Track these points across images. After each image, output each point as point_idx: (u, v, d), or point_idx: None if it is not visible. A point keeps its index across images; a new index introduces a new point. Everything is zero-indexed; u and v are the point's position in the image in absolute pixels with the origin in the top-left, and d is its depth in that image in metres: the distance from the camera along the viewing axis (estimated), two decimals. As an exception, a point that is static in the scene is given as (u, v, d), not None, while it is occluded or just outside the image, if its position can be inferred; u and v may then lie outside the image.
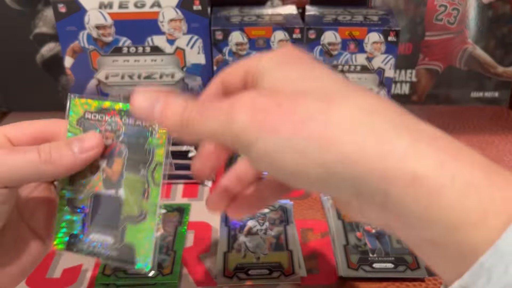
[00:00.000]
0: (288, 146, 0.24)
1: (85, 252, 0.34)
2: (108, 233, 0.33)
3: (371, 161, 0.23)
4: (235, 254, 0.46)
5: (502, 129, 0.69)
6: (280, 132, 0.24)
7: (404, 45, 0.71)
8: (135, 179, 0.33)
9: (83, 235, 0.34)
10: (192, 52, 0.62)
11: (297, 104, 0.25)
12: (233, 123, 0.25)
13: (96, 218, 0.34)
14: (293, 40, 0.59)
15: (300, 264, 0.46)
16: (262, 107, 0.25)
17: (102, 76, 0.63)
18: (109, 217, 0.33)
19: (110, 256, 0.33)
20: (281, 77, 0.27)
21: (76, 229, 0.34)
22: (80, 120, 0.34)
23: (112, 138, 0.33)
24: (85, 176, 0.33)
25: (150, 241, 0.32)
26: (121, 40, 0.61)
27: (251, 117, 0.25)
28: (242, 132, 0.25)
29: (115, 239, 0.33)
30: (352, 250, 0.46)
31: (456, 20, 0.70)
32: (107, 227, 0.33)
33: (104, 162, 0.33)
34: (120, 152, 0.33)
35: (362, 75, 0.61)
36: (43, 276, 0.45)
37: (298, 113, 0.25)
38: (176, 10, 0.60)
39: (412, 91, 0.74)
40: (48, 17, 0.67)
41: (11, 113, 0.72)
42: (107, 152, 0.33)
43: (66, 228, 0.34)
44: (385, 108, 0.25)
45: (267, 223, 0.50)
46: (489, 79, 0.73)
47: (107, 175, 0.33)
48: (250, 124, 0.25)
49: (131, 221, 0.33)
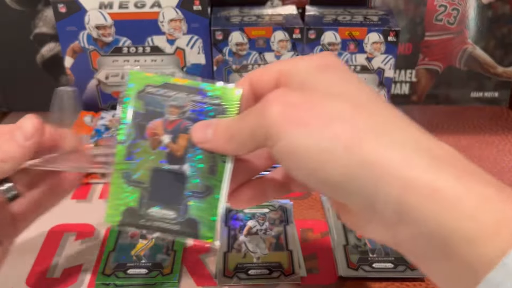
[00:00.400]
0: (315, 142, 0.25)
1: (142, 226, 0.33)
2: (170, 208, 0.33)
3: (393, 169, 0.24)
4: (235, 254, 0.46)
5: (502, 130, 0.69)
6: (309, 127, 0.25)
7: (404, 45, 0.71)
8: (203, 155, 0.32)
9: (141, 209, 0.33)
10: (192, 52, 0.62)
11: (327, 103, 0.26)
12: (265, 117, 0.26)
13: (156, 193, 0.33)
14: (293, 40, 0.59)
15: (300, 264, 0.46)
16: (293, 102, 0.26)
17: (102, 76, 0.63)
18: (171, 191, 0.33)
19: (171, 229, 0.33)
20: (315, 81, 0.28)
21: (132, 203, 0.33)
22: (140, 94, 0.33)
23: (177, 114, 0.32)
24: (144, 150, 0.33)
25: (215, 215, 0.33)
26: (121, 40, 0.61)
27: (282, 111, 0.26)
28: (273, 125, 0.26)
29: (177, 214, 0.33)
30: (352, 250, 0.46)
31: (456, 20, 0.70)
32: (168, 202, 0.33)
33: (168, 137, 0.33)
34: (185, 128, 0.32)
35: (362, 75, 0.61)
36: (44, 276, 0.45)
37: (328, 111, 0.25)
38: (176, 10, 0.60)
39: (412, 91, 0.74)
40: (48, 17, 0.67)
41: (11, 113, 0.72)
42: (171, 126, 0.33)
43: (119, 202, 0.33)
44: (408, 124, 0.26)
45: (267, 223, 0.50)
46: (489, 79, 0.73)
47: (171, 149, 0.33)
48: (281, 117, 0.26)
49: (195, 196, 0.33)
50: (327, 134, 0.25)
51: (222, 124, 0.31)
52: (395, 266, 0.45)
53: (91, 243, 0.49)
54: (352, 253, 0.46)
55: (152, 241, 0.48)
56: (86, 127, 0.59)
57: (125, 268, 0.45)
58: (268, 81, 0.31)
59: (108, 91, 0.64)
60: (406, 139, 0.25)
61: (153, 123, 0.33)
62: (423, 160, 0.24)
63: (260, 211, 0.52)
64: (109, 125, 0.58)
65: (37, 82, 0.69)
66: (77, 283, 0.44)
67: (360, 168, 0.24)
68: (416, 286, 0.44)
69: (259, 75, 0.32)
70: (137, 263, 0.45)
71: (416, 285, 0.44)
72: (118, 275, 0.44)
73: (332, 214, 0.51)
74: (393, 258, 0.45)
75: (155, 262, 0.45)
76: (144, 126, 0.33)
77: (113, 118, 0.59)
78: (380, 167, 0.24)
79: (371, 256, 0.46)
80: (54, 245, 0.48)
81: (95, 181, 0.57)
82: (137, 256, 0.46)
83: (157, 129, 0.33)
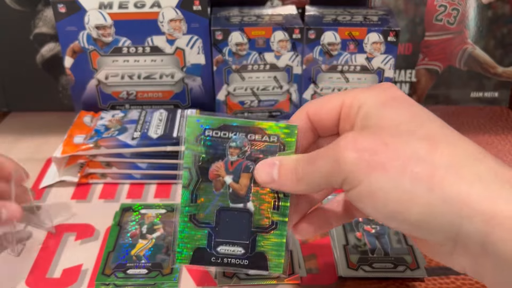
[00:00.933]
0: (395, 185, 0.25)
1: (213, 263, 0.36)
2: (238, 245, 0.36)
3: (476, 203, 0.24)
4: (235, 254, 0.46)
5: (502, 130, 0.69)
6: (388, 171, 0.25)
7: (403, 45, 0.71)
8: (265, 191, 0.35)
9: (211, 248, 0.36)
10: (192, 52, 0.62)
11: (403, 143, 0.26)
12: (340, 164, 0.27)
13: (224, 231, 0.35)
14: (293, 40, 0.59)
15: (300, 264, 0.46)
16: (367, 147, 0.26)
17: (102, 77, 0.63)
18: (238, 229, 0.35)
19: (241, 264, 0.36)
20: (385, 117, 0.28)
21: (202, 243, 0.35)
22: (198, 137, 0.34)
23: (237, 154, 0.34)
24: (208, 192, 0.35)
25: (282, 248, 0.35)
26: (121, 40, 0.61)
27: (358, 157, 0.26)
28: (350, 171, 0.26)
29: (245, 250, 0.36)
30: (352, 250, 0.46)
31: (456, 20, 0.70)
32: (236, 239, 0.35)
33: (230, 178, 0.35)
34: (247, 167, 0.34)
35: (361, 76, 0.61)
36: (43, 276, 0.45)
37: (405, 153, 0.25)
38: (176, 10, 0.60)
39: (412, 91, 0.74)
40: (48, 17, 0.67)
41: (11, 113, 0.72)
42: (232, 167, 0.35)
43: (189, 244, 0.35)
44: (484, 155, 0.26)
45: (267, 223, 0.50)
46: (489, 79, 0.73)
47: (234, 189, 0.35)
48: (357, 164, 0.26)
49: (261, 231, 0.35)
50: (407, 176, 0.25)
51: (287, 165, 0.31)
52: (395, 266, 0.45)
53: (91, 243, 0.49)
54: (352, 253, 0.46)
55: (152, 241, 0.48)
56: (85, 128, 0.59)
57: (125, 268, 0.45)
58: (328, 113, 0.31)
59: (108, 91, 0.64)
60: (485, 172, 0.25)
61: (215, 165, 0.35)
62: (504, 191, 0.24)
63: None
64: (109, 126, 0.58)
65: (37, 82, 0.69)
66: (76, 283, 0.44)
67: (442, 205, 0.24)
68: (415, 286, 0.44)
69: (318, 107, 0.32)
70: (137, 263, 0.45)
71: (415, 285, 0.44)
72: (118, 275, 0.44)
73: (332, 214, 0.51)
74: (393, 258, 0.45)
75: (155, 262, 0.45)
76: (206, 169, 0.35)
77: (113, 119, 0.59)
78: (463, 202, 0.24)
79: (371, 256, 0.46)
80: (53, 245, 0.48)
81: (95, 181, 0.57)
82: (137, 256, 0.46)
83: (220, 171, 0.35)
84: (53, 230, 0.50)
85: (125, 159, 0.56)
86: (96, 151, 0.54)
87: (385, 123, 0.28)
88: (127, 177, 0.57)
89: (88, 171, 0.57)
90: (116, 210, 0.52)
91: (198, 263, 0.36)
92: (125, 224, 0.50)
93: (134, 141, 0.55)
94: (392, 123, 0.27)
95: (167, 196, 0.55)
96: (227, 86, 0.62)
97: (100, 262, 0.46)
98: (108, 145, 0.54)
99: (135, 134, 0.56)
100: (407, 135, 0.26)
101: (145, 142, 0.55)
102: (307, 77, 0.62)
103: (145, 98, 0.65)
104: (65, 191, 0.56)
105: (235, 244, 0.35)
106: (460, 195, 0.24)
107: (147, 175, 0.57)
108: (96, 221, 0.52)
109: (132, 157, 0.56)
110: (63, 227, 0.51)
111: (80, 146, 0.55)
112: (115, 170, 0.56)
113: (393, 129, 0.27)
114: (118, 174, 0.57)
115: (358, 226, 0.49)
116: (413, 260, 0.45)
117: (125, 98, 0.64)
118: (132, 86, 0.64)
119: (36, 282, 0.44)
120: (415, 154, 0.25)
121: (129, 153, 0.55)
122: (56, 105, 0.70)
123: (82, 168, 0.56)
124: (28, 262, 0.46)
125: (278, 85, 0.63)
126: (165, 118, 0.59)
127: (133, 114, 0.60)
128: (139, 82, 0.64)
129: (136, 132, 0.56)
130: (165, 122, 0.58)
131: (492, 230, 0.24)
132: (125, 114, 0.60)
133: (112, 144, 0.55)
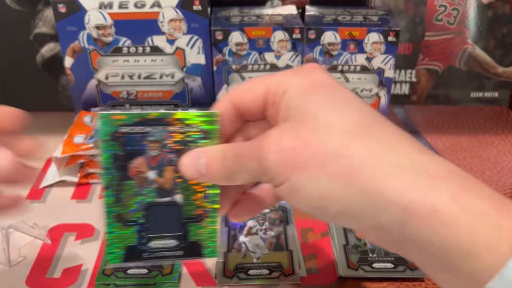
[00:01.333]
0: (315, 184, 0.26)
1: (147, 259, 0.35)
2: (170, 237, 0.35)
3: (393, 194, 0.25)
4: (235, 254, 0.46)
5: (502, 130, 0.69)
6: (308, 170, 0.26)
7: (404, 45, 0.71)
8: (192, 182, 0.34)
9: (141, 245, 0.35)
10: (192, 52, 0.62)
11: (322, 140, 0.26)
12: (263, 166, 0.28)
13: (154, 227, 0.34)
14: (293, 40, 0.59)
15: (300, 264, 0.46)
16: (290, 146, 0.27)
17: (102, 76, 0.63)
18: (168, 222, 0.34)
19: (175, 255, 0.35)
20: (305, 108, 0.28)
21: (132, 241, 0.34)
22: (114, 136, 0.33)
23: (158, 148, 0.33)
24: (132, 190, 0.34)
25: (215, 234, 0.35)
26: (121, 40, 0.61)
27: (281, 157, 0.27)
28: (272, 172, 0.27)
29: (178, 241, 0.35)
30: (352, 250, 0.47)
31: (456, 20, 0.70)
32: (167, 232, 0.35)
33: (154, 173, 0.33)
34: (170, 160, 0.33)
35: (362, 76, 0.61)
36: (43, 276, 0.45)
37: (324, 150, 0.26)
38: (176, 10, 0.60)
39: (412, 91, 0.74)
40: (48, 17, 0.67)
41: (11, 113, 0.72)
42: (155, 162, 0.33)
43: (119, 243, 0.34)
44: (404, 143, 0.27)
45: (267, 223, 0.50)
46: (489, 79, 0.73)
47: (160, 184, 0.34)
48: (281, 164, 0.27)
49: (193, 221, 0.35)
50: (325, 173, 0.26)
51: (214, 157, 0.30)
52: (395, 266, 0.45)
53: (91, 243, 0.49)
54: (352, 253, 0.46)
55: (152, 241, 0.48)
56: (85, 128, 0.59)
57: (125, 268, 0.45)
58: (253, 101, 0.31)
59: (108, 91, 0.64)
60: (403, 162, 0.26)
61: (135, 162, 0.33)
62: (420, 182, 0.25)
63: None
64: None
65: (37, 82, 0.69)
66: (77, 283, 0.44)
67: (360, 199, 0.25)
68: (416, 286, 0.44)
69: (243, 93, 0.32)
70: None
71: (416, 285, 0.44)
72: (118, 275, 0.44)
73: (332, 214, 0.51)
74: (393, 258, 0.45)
75: (155, 262, 0.45)
76: (126, 167, 0.33)
77: None
78: (380, 195, 0.25)
79: (371, 256, 0.46)
80: (54, 244, 0.48)
81: (95, 181, 0.57)
82: (137, 256, 0.46)
83: (141, 167, 0.33)
84: (48, 240, 0.49)
85: None
86: (96, 150, 0.54)
87: (305, 115, 0.28)
88: None
89: (88, 170, 0.57)
90: (116, 210, 0.52)
91: (132, 260, 0.35)
92: (125, 224, 0.50)
93: None
94: (312, 115, 0.27)
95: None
96: (227, 86, 0.62)
97: (100, 262, 0.46)
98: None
99: None
100: (326, 130, 0.27)
101: None
102: (307, 77, 0.62)
103: (145, 98, 0.65)
104: (65, 191, 0.56)
105: (167, 237, 0.35)
106: (377, 188, 0.25)
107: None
108: (96, 221, 0.52)
109: None
110: (63, 227, 0.51)
111: (80, 145, 0.55)
112: None
113: (312, 123, 0.27)
114: None
115: (358, 226, 0.49)
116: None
117: (125, 98, 0.64)
118: (132, 86, 0.64)
119: (36, 282, 0.44)
120: (333, 150, 0.26)
121: None
122: (56, 105, 0.70)
123: (82, 168, 0.56)
124: (28, 262, 0.46)
125: (278, 85, 0.63)
126: None
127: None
128: (139, 82, 0.64)
129: None
130: None
131: (408, 219, 0.25)
132: None
133: None
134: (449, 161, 0.27)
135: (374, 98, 0.63)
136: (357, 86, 0.62)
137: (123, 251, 0.34)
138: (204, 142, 0.33)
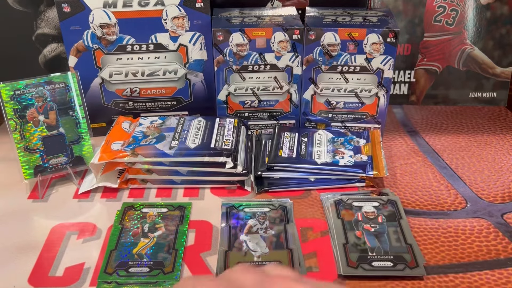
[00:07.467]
0: None
1: (50, 171, 0.57)
2: (62, 155, 0.57)
3: None
4: (235, 253, 0.47)
5: (500, 129, 0.69)
6: None
7: (403, 46, 0.72)
8: (68, 118, 0.57)
9: (45, 163, 0.56)
10: (194, 49, 0.63)
11: None
12: None
13: (50, 150, 0.56)
14: (293, 41, 0.60)
15: (300, 263, 0.46)
16: None
17: (106, 75, 0.63)
18: (59, 146, 0.57)
19: (67, 165, 0.57)
20: None
21: (38, 162, 0.56)
22: (12, 97, 0.54)
23: (42, 101, 0.55)
24: (31, 129, 0.55)
25: (90, 148, 0.58)
26: (125, 39, 0.61)
27: None
28: None
29: (68, 157, 0.57)
30: (352, 249, 0.47)
31: (455, 21, 0.71)
32: (59, 153, 0.57)
33: (42, 116, 0.55)
34: (51, 107, 0.56)
35: (361, 76, 0.62)
36: (46, 274, 0.45)
37: None
38: (179, 7, 0.61)
39: (411, 91, 0.75)
40: (50, 18, 0.67)
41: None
42: (41, 109, 0.55)
43: (29, 164, 0.56)
44: None
45: (267, 222, 0.50)
46: (487, 79, 0.74)
47: (48, 123, 0.56)
48: None
49: (74, 143, 0.58)
50: None
51: None
52: (394, 264, 0.45)
53: (93, 241, 0.49)
54: (352, 251, 0.47)
55: (153, 240, 0.48)
56: (124, 134, 0.59)
57: (126, 266, 0.45)
58: None
59: (112, 89, 0.64)
60: None
61: (29, 111, 0.55)
62: None
63: (261, 210, 0.52)
64: (147, 133, 0.57)
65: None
66: (79, 282, 0.44)
67: None
68: (415, 284, 0.44)
69: None
70: (138, 262, 0.46)
71: (414, 284, 0.44)
72: (120, 274, 0.44)
73: (331, 213, 0.52)
74: (392, 257, 0.46)
75: (157, 260, 0.46)
76: (24, 116, 0.55)
77: (151, 125, 0.59)
78: None
79: (370, 255, 0.46)
80: (56, 243, 0.49)
81: (135, 186, 0.57)
82: (139, 255, 0.46)
83: (34, 114, 0.55)
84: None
85: (165, 166, 0.55)
86: (133, 158, 0.54)
87: None
88: (168, 182, 0.57)
89: (128, 176, 0.56)
90: (118, 209, 0.53)
91: (40, 173, 0.56)
92: (127, 223, 0.51)
93: (171, 150, 0.54)
94: None
95: (168, 195, 0.56)
96: (228, 87, 0.63)
97: (102, 260, 0.46)
98: (146, 153, 0.54)
99: (173, 143, 0.55)
100: None
101: (182, 152, 0.54)
102: (307, 78, 0.63)
103: (148, 95, 0.65)
104: (67, 190, 0.57)
105: (60, 156, 0.57)
106: None
107: (188, 181, 0.57)
108: (98, 220, 0.52)
109: (172, 164, 0.55)
110: (66, 226, 0.51)
111: (118, 152, 0.54)
112: (155, 176, 0.56)
113: None
114: (158, 179, 0.57)
115: (357, 225, 0.50)
116: (412, 259, 0.46)
117: (128, 96, 0.65)
118: (136, 83, 0.64)
119: (39, 280, 0.45)
120: None
121: (168, 161, 0.55)
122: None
123: (122, 174, 0.56)
124: (30, 261, 0.47)
125: (278, 86, 0.63)
126: (203, 126, 0.59)
127: (172, 122, 0.60)
128: (142, 79, 0.64)
129: (174, 141, 0.56)
130: (203, 131, 0.58)
131: None
132: (163, 121, 0.60)
133: (149, 152, 0.54)
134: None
135: (374, 98, 0.63)
136: (357, 87, 0.63)
137: (33, 170, 0.56)
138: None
